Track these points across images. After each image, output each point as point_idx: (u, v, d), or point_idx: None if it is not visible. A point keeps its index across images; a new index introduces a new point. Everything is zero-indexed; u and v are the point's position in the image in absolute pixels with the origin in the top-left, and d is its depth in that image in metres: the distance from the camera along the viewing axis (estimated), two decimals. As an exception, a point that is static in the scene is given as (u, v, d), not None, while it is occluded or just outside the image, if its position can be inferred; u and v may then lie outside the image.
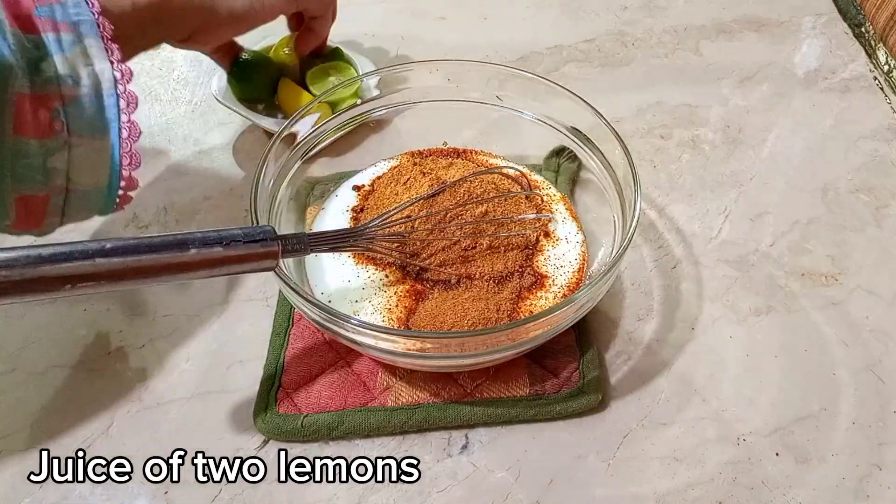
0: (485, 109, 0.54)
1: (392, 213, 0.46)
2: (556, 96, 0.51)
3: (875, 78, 0.70)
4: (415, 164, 0.54)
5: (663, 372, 0.47)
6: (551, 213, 0.52)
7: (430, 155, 0.56)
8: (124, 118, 0.41)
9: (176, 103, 0.68)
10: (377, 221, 0.45)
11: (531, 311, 0.45)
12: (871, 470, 0.43)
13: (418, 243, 0.47)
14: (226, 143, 0.63)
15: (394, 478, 0.42)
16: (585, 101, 0.49)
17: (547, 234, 0.50)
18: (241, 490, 0.42)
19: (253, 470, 0.43)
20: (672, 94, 0.68)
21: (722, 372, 0.47)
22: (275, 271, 0.40)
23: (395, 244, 0.47)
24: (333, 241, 0.43)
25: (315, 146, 0.52)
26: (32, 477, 0.42)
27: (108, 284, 0.35)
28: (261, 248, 0.39)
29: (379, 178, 0.54)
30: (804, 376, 0.47)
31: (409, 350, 0.40)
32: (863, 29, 0.75)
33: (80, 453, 0.43)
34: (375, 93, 0.54)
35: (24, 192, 0.39)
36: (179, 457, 0.43)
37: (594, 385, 0.45)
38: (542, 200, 0.52)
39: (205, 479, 0.42)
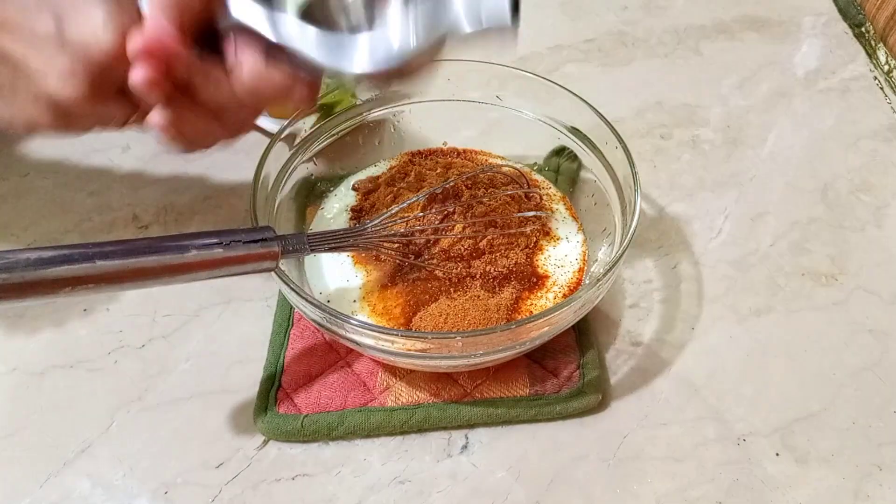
0: (485, 109, 0.54)
1: (392, 212, 0.46)
2: (556, 96, 0.51)
3: (875, 78, 0.70)
4: (414, 164, 0.54)
5: (663, 372, 0.47)
6: (551, 211, 0.52)
7: (430, 155, 0.56)
8: None
9: (176, 103, 0.67)
10: (377, 221, 0.45)
11: (531, 311, 0.45)
12: (871, 470, 0.43)
13: (418, 243, 0.47)
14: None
15: (394, 478, 0.42)
16: (585, 101, 0.49)
17: (547, 234, 0.50)
18: (241, 490, 0.42)
19: (253, 470, 0.43)
20: (672, 94, 0.68)
21: (722, 372, 0.47)
22: (275, 271, 0.40)
23: (395, 244, 0.47)
24: (333, 241, 0.43)
25: (315, 146, 0.52)
26: (33, 477, 0.42)
27: (108, 286, 0.35)
28: (261, 248, 0.39)
29: (379, 178, 0.54)
30: (804, 376, 0.47)
31: (409, 350, 0.40)
32: (863, 29, 0.75)
33: (81, 453, 0.43)
34: (375, 93, 0.54)
35: None
36: (179, 457, 0.43)
37: (594, 385, 0.45)
38: (542, 199, 0.52)
39: (205, 479, 0.42)
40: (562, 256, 0.49)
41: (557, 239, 0.50)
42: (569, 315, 0.41)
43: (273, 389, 0.45)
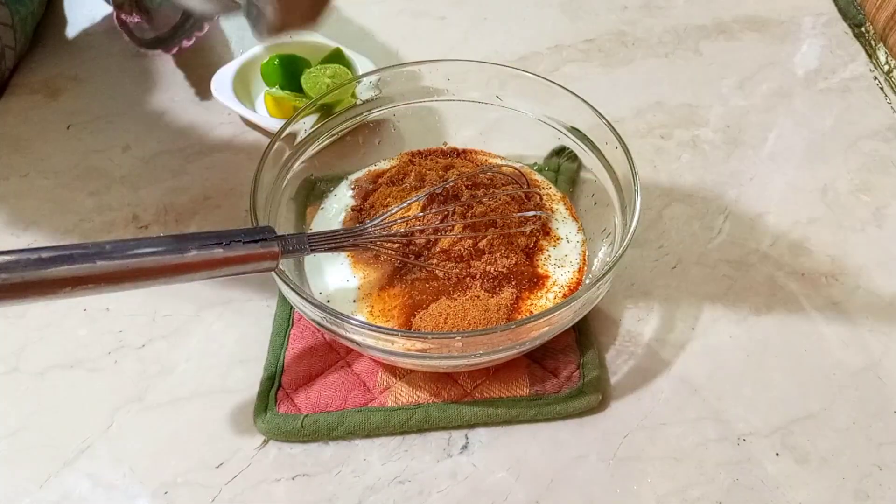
0: (485, 109, 0.54)
1: (392, 212, 0.46)
2: (556, 96, 0.51)
3: (875, 78, 0.70)
4: (414, 164, 0.54)
5: (663, 372, 0.47)
6: (551, 211, 0.52)
7: (430, 155, 0.56)
8: None
9: (175, 103, 0.68)
10: (377, 221, 0.46)
11: (531, 311, 0.45)
12: (871, 470, 0.43)
13: (418, 243, 0.47)
14: (226, 143, 0.63)
15: (394, 478, 0.42)
16: (585, 101, 0.49)
17: (547, 234, 0.50)
18: (241, 490, 0.42)
19: (253, 470, 0.43)
20: (672, 94, 0.68)
21: (722, 372, 0.47)
22: (275, 271, 0.40)
23: (396, 244, 0.47)
24: (333, 241, 0.43)
25: (315, 146, 0.52)
26: (33, 477, 0.42)
27: (108, 286, 0.35)
28: (261, 248, 0.39)
29: (378, 177, 0.54)
30: (804, 376, 0.47)
31: (409, 350, 0.40)
32: (863, 29, 0.75)
33: (81, 453, 0.43)
34: (375, 93, 0.54)
35: None
36: (179, 457, 0.43)
37: (594, 385, 0.45)
38: (542, 199, 0.52)
39: (205, 479, 0.42)
40: (562, 256, 0.49)
41: (557, 239, 0.50)
42: (569, 315, 0.41)
43: (273, 389, 0.45)
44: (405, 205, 0.47)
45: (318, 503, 0.41)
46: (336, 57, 0.66)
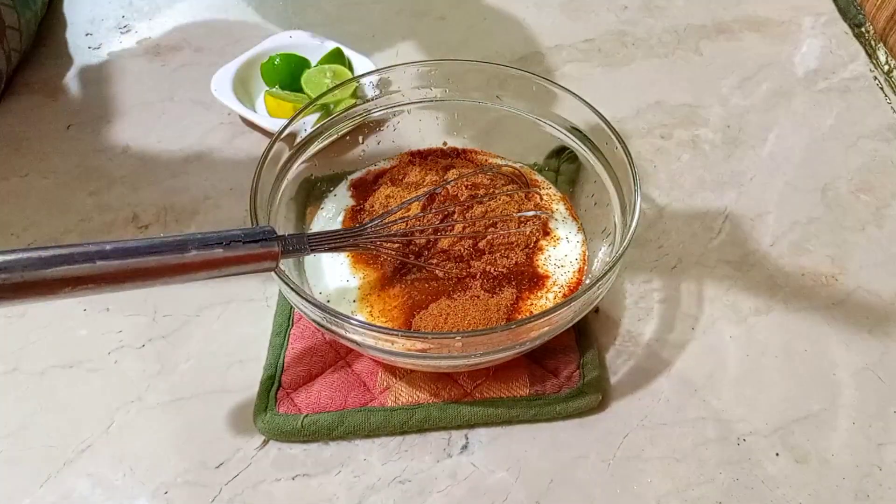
0: (485, 109, 0.54)
1: (392, 212, 0.46)
2: (556, 96, 0.51)
3: (875, 78, 0.70)
4: (414, 164, 0.54)
5: (663, 372, 0.47)
6: (551, 211, 0.52)
7: (430, 155, 0.56)
8: None
9: (175, 103, 0.68)
10: (377, 221, 0.45)
11: (531, 311, 0.45)
12: (871, 470, 0.43)
13: (418, 243, 0.47)
14: (226, 143, 0.63)
15: (394, 478, 0.42)
16: (585, 101, 0.49)
17: (547, 234, 0.50)
18: (241, 490, 0.42)
19: (253, 470, 0.43)
20: (672, 94, 0.68)
21: (722, 372, 0.47)
22: (275, 271, 0.40)
23: (396, 244, 0.47)
24: (333, 241, 0.43)
25: (315, 146, 0.52)
26: (33, 477, 0.42)
27: (108, 286, 0.35)
28: (261, 248, 0.39)
29: (379, 178, 0.54)
30: (804, 376, 0.47)
31: (410, 350, 0.40)
32: (863, 29, 0.75)
33: (81, 453, 0.43)
34: (375, 93, 0.54)
35: None
36: (179, 457, 0.43)
37: (594, 385, 0.45)
38: (542, 199, 0.52)
39: (205, 479, 0.42)
40: (562, 256, 0.49)
41: (557, 239, 0.50)
42: (569, 315, 0.41)
43: (273, 389, 0.45)
44: (405, 205, 0.47)
45: (317, 503, 0.41)
46: (336, 57, 0.66)
